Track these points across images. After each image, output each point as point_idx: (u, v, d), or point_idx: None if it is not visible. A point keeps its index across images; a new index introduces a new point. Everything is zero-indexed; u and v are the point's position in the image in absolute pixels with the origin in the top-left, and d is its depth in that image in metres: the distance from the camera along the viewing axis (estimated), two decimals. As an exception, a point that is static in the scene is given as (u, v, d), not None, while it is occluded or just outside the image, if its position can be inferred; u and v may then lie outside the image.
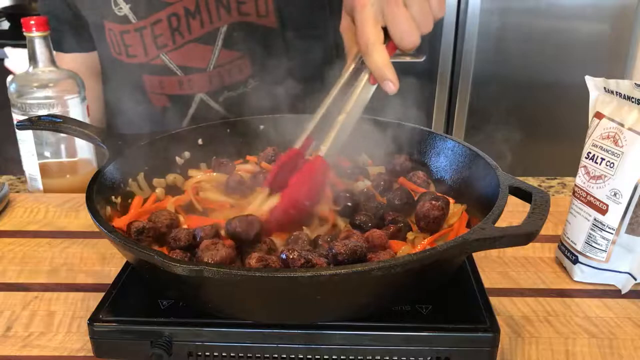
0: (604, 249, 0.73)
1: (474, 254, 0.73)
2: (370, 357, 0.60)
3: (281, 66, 1.03)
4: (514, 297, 0.73)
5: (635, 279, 0.74)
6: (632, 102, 0.70)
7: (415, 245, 0.69)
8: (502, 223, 0.59)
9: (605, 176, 0.71)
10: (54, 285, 0.76)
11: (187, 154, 0.87)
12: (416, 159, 0.85)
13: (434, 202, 0.71)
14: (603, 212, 0.72)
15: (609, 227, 0.72)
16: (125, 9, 1.05)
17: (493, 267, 0.79)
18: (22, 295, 0.74)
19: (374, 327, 0.60)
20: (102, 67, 1.21)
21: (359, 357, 0.60)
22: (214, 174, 0.85)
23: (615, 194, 0.70)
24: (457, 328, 0.60)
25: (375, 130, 0.86)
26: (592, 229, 0.74)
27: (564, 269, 0.79)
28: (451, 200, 0.76)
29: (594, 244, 0.74)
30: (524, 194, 0.65)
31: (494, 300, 0.70)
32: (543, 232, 0.61)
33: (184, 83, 1.14)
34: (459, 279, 0.68)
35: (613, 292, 0.74)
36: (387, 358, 0.60)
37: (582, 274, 0.76)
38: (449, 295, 0.65)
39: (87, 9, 1.12)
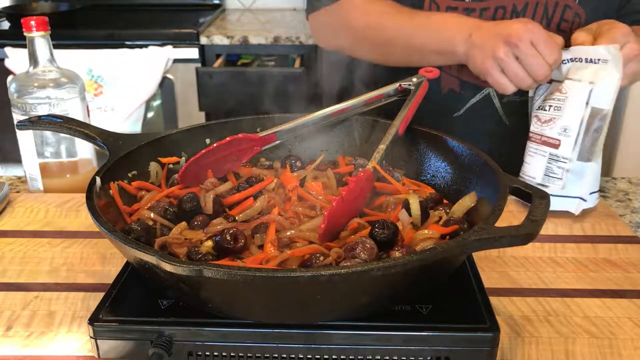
0: (560, 177, 0.90)
1: (474, 254, 0.73)
2: (370, 357, 0.60)
3: None
4: (514, 297, 0.73)
5: (585, 200, 0.90)
6: (564, 63, 0.90)
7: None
8: (502, 223, 0.59)
9: (554, 118, 0.89)
10: (54, 285, 0.76)
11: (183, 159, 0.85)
12: (416, 159, 0.85)
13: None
14: (556, 146, 0.89)
15: (563, 158, 0.89)
16: None
17: (493, 267, 0.79)
18: (22, 295, 0.74)
19: (374, 327, 0.60)
20: None
21: (359, 357, 0.60)
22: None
23: (565, 130, 0.88)
24: (457, 328, 0.60)
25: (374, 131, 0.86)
26: (549, 162, 0.90)
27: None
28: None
29: (551, 175, 0.90)
30: (524, 194, 0.65)
31: (494, 300, 0.70)
32: (543, 232, 0.61)
33: None
34: (459, 279, 0.68)
35: (613, 292, 0.74)
36: (387, 358, 0.60)
37: None
38: (449, 295, 0.65)
39: None
